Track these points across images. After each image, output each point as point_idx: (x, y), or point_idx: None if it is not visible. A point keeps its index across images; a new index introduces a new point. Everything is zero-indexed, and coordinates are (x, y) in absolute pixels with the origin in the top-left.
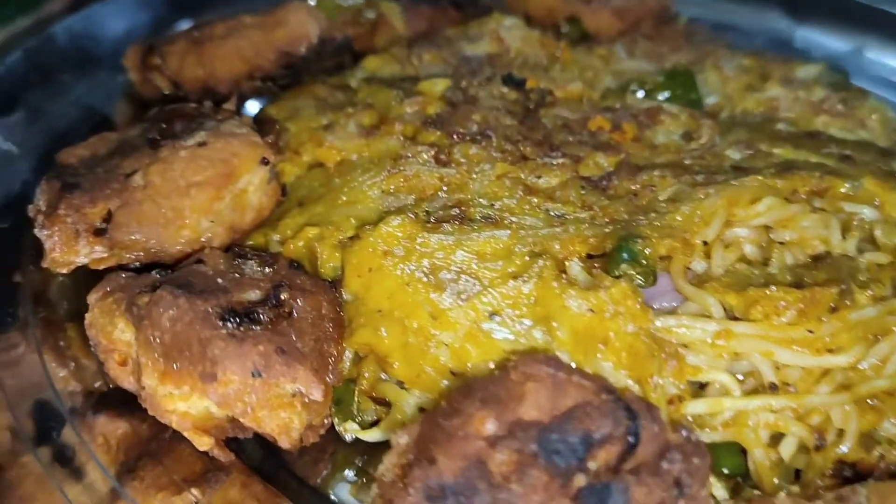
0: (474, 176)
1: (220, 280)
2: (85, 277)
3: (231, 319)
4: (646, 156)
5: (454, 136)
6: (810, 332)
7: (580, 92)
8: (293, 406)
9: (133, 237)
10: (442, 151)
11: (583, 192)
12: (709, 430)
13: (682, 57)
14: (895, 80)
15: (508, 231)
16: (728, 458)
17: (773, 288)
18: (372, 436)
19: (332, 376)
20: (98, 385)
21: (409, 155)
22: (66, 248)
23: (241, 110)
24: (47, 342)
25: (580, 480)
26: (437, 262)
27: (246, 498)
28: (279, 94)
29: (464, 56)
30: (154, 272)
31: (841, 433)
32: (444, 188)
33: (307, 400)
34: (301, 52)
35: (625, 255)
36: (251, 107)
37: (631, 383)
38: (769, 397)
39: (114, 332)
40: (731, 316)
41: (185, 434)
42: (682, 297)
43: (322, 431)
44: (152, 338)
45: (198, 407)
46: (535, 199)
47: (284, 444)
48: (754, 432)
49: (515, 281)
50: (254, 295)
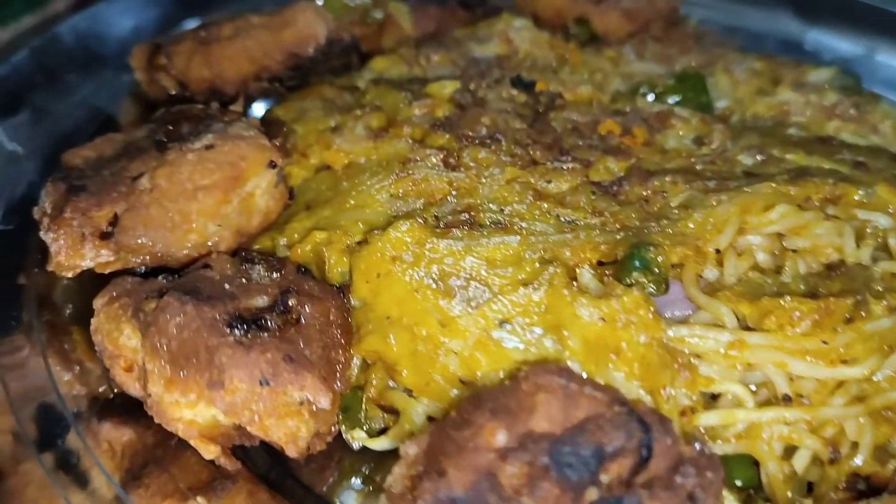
0: (483, 180)
1: (227, 286)
2: (90, 280)
3: (239, 326)
4: (657, 161)
5: (463, 140)
6: (825, 343)
7: (590, 95)
8: (301, 414)
9: (139, 241)
10: (451, 155)
11: (593, 197)
12: (721, 441)
13: (691, 60)
14: None
15: (518, 237)
16: (741, 470)
17: (787, 298)
18: (380, 444)
19: (339, 384)
20: (103, 389)
21: (418, 158)
22: (72, 252)
23: (247, 111)
24: (52, 345)
25: (592, 494)
26: (447, 269)
27: None
28: (286, 95)
29: (472, 57)
30: (161, 277)
31: (855, 446)
32: (454, 192)
33: (315, 408)
34: (309, 52)
35: (637, 262)
36: (258, 108)
37: (643, 394)
38: (783, 409)
39: (120, 337)
40: (744, 326)
41: (192, 442)
42: (694, 305)
43: (329, 439)
44: (159, 344)
45: (204, 415)
46: (545, 205)
47: (292, 452)
48: (768, 445)
49: (526, 288)
50: (261, 301)
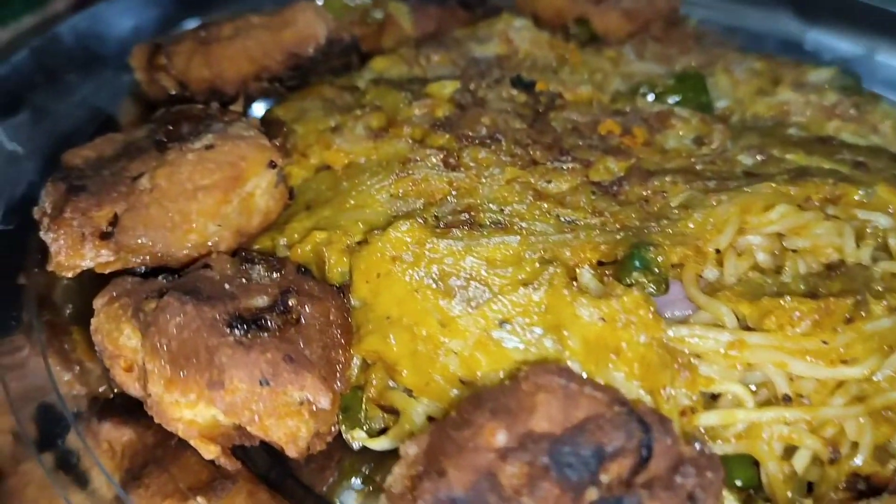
0: (483, 180)
1: (227, 286)
2: (90, 280)
3: (239, 326)
4: (657, 161)
5: (463, 140)
6: (825, 343)
7: (590, 95)
8: (301, 414)
9: (139, 241)
10: (451, 155)
11: (593, 197)
12: (721, 441)
13: (691, 59)
14: None
15: (518, 237)
16: (741, 470)
17: (787, 298)
18: (380, 444)
19: (339, 384)
20: (103, 389)
21: (418, 158)
22: (72, 252)
23: (247, 111)
24: (52, 345)
25: (592, 494)
26: (447, 269)
27: None
28: (286, 95)
29: (472, 57)
30: (161, 277)
31: (855, 446)
32: (454, 192)
33: (315, 408)
34: (309, 52)
35: (637, 262)
36: (257, 108)
37: (643, 394)
38: (783, 409)
39: (120, 337)
40: (744, 326)
41: (192, 442)
42: (694, 305)
43: (329, 439)
44: (159, 344)
45: (204, 415)
46: (545, 205)
47: (292, 452)
48: (768, 445)
49: (526, 288)
50: (261, 301)
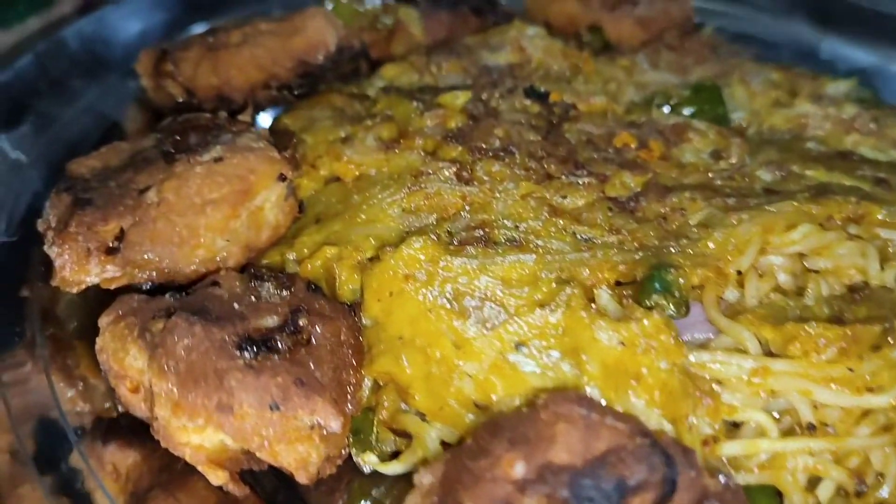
0: (498, 195)
1: (236, 305)
2: (95, 294)
3: (248, 348)
4: (674, 176)
5: (476, 152)
6: (850, 370)
7: (604, 106)
8: (311, 439)
9: (146, 256)
10: (464, 168)
11: (610, 213)
12: (744, 472)
13: (707, 70)
14: None
15: (534, 255)
16: (763, 500)
17: (813, 324)
18: (392, 469)
19: (350, 406)
20: (108, 406)
21: (430, 171)
22: (77, 267)
23: (254, 119)
24: (55, 361)
25: None
26: (461, 288)
27: None
28: (295, 102)
29: (484, 66)
30: (168, 295)
31: (881, 476)
32: (467, 207)
33: (325, 432)
34: (319, 60)
35: (657, 285)
36: (265, 116)
37: (665, 423)
38: (808, 440)
39: (126, 358)
40: (766, 350)
41: (199, 468)
42: (714, 328)
43: (339, 462)
44: (166, 367)
45: (212, 440)
46: (561, 222)
47: (302, 479)
48: (792, 475)
49: (542, 309)
50: (271, 321)
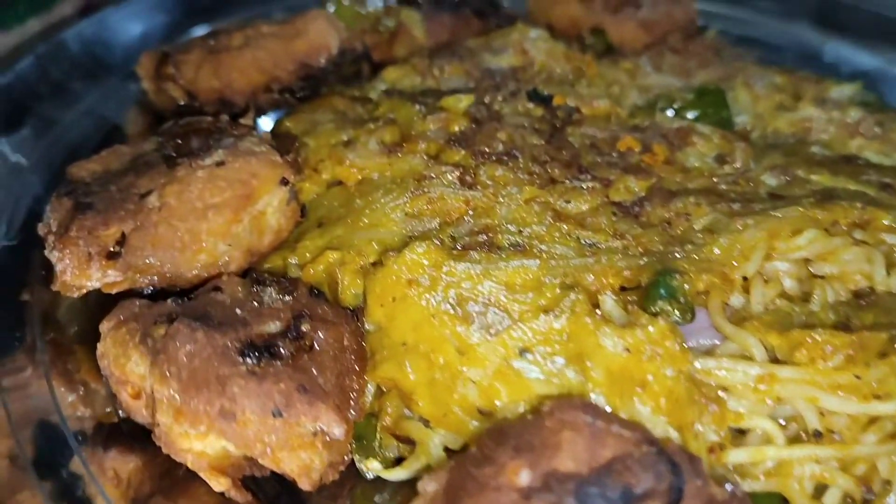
0: (501, 199)
1: (238, 310)
2: (96, 298)
3: (251, 354)
4: (678, 180)
5: (479, 156)
6: (857, 377)
7: (607, 109)
8: (314, 446)
9: (148, 261)
10: (467, 172)
11: (614, 218)
12: (750, 479)
13: (710, 73)
14: None
15: (538, 260)
16: None
17: (819, 331)
18: (395, 476)
19: (353, 412)
20: (108, 411)
21: (433, 175)
22: (78, 272)
23: (256, 122)
24: (55, 366)
25: None
26: (464, 293)
27: None
28: (296, 105)
29: (487, 69)
30: (170, 300)
31: (888, 484)
32: (471, 212)
33: (328, 439)
34: (321, 63)
35: (662, 291)
36: (266, 119)
37: (670, 430)
38: (814, 447)
39: (127, 364)
40: (772, 357)
41: (201, 474)
42: (719, 334)
43: (342, 468)
44: (168, 373)
45: (214, 446)
46: (564, 226)
47: (305, 485)
48: (798, 483)
49: (546, 315)
50: (274, 326)
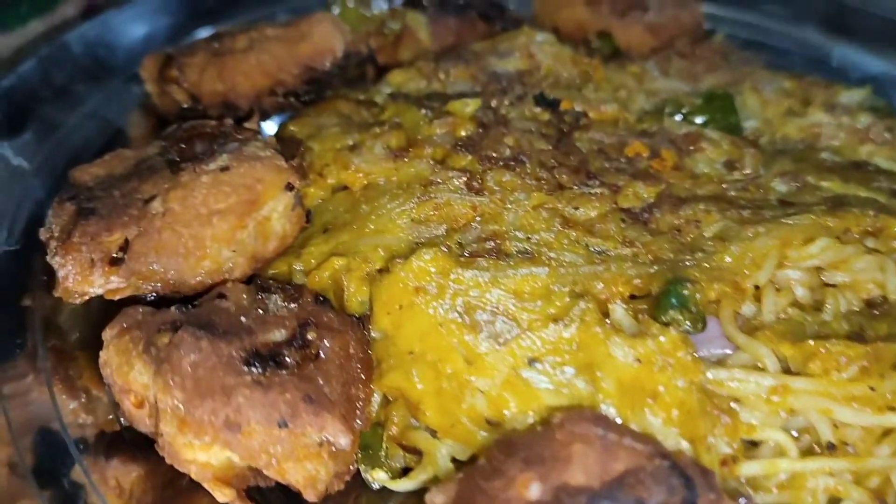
0: (509, 206)
1: (243, 318)
2: (99, 304)
3: (256, 364)
4: (687, 186)
5: (486, 162)
6: (872, 388)
7: (615, 114)
8: (320, 456)
9: (151, 268)
10: (474, 178)
11: (623, 225)
12: (763, 492)
13: (718, 77)
14: None
15: (547, 268)
16: None
17: (833, 341)
18: (402, 486)
19: (359, 421)
20: (110, 418)
21: (440, 181)
22: (81, 278)
23: (260, 126)
24: (57, 372)
25: None
26: (472, 301)
27: None
28: (301, 109)
29: (493, 72)
30: (174, 308)
31: None
32: (478, 218)
33: (334, 449)
34: (326, 66)
35: (673, 300)
36: (270, 123)
37: (683, 443)
38: (828, 460)
39: (130, 372)
40: (784, 367)
41: (205, 485)
42: (731, 343)
43: (347, 478)
44: (172, 382)
45: (219, 457)
46: (573, 233)
47: (310, 496)
48: (812, 496)
49: (556, 324)
50: (279, 335)
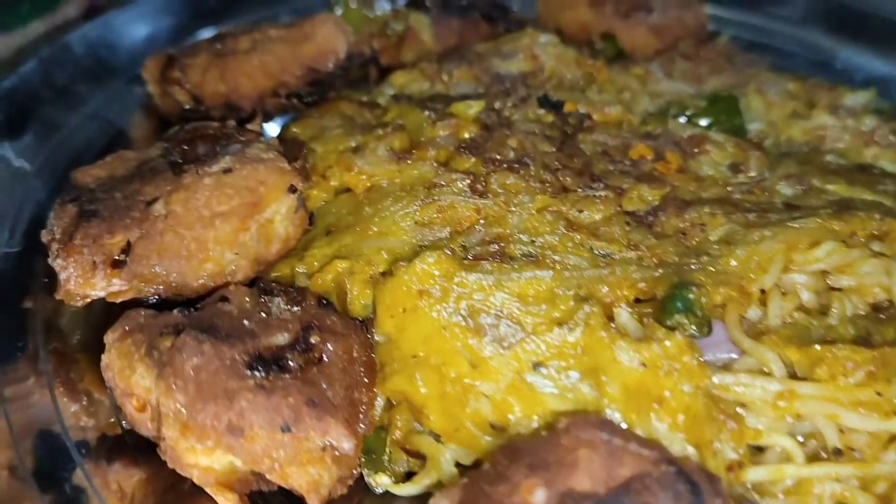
0: (513, 208)
1: (246, 322)
2: (101, 306)
3: (259, 368)
4: (692, 189)
5: (490, 164)
6: (879, 394)
7: (619, 116)
8: (323, 461)
9: (153, 270)
10: (478, 180)
11: (628, 228)
12: (769, 498)
13: (722, 79)
14: None
15: (551, 271)
16: None
17: (840, 346)
18: (405, 491)
19: (363, 425)
20: (112, 421)
21: (444, 183)
22: (82, 281)
23: (262, 127)
24: (59, 375)
25: None
26: (476, 305)
27: None
28: (303, 110)
29: (496, 74)
30: (176, 311)
31: None
32: (482, 221)
33: (338, 454)
34: (328, 67)
35: (679, 304)
36: (273, 125)
37: (689, 448)
38: (835, 465)
39: (132, 376)
40: (790, 372)
41: (208, 489)
42: (737, 348)
43: (350, 482)
44: (175, 386)
45: (221, 462)
46: (577, 236)
47: (313, 501)
48: (819, 501)
49: (560, 328)
50: (282, 338)
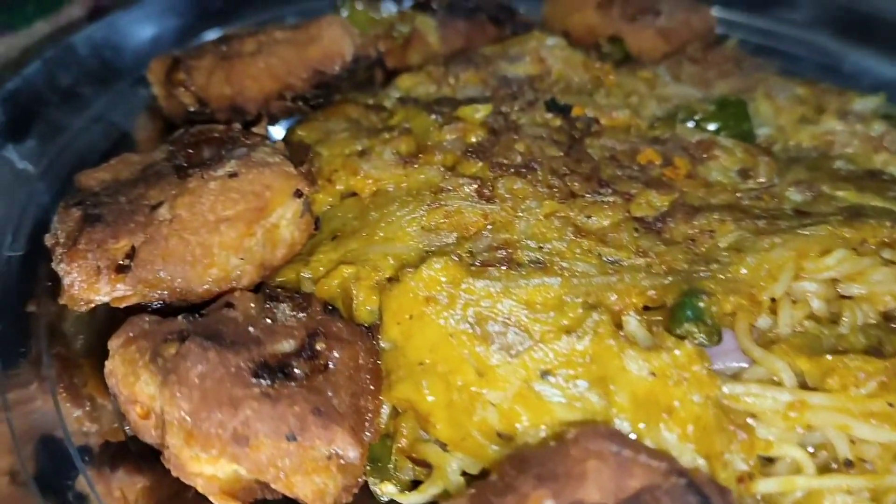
0: (520, 214)
1: (251, 328)
2: (104, 310)
3: (264, 376)
4: (701, 195)
5: (497, 168)
6: (891, 405)
7: (627, 120)
8: (329, 470)
9: (158, 275)
10: (485, 185)
11: (636, 234)
12: None
13: (730, 84)
14: None
15: (559, 278)
16: None
17: (851, 356)
18: (410, 500)
19: (369, 433)
20: (115, 426)
21: (450, 188)
22: (87, 286)
23: (268, 131)
24: (62, 380)
25: None
26: (483, 312)
27: None
28: (309, 113)
29: (503, 77)
30: (181, 317)
31: None
32: (489, 226)
33: (343, 462)
34: (335, 70)
35: (689, 312)
36: (278, 128)
37: (699, 459)
38: (845, 477)
39: (136, 383)
40: (801, 382)
41: (212, 498)
42: (746, 356)
43: (355, 491)
44: (179, 394)
45: (226, 470)
46: (586, 242)
47: None
48: None
49: (569, 336)
50: (288, 345)
